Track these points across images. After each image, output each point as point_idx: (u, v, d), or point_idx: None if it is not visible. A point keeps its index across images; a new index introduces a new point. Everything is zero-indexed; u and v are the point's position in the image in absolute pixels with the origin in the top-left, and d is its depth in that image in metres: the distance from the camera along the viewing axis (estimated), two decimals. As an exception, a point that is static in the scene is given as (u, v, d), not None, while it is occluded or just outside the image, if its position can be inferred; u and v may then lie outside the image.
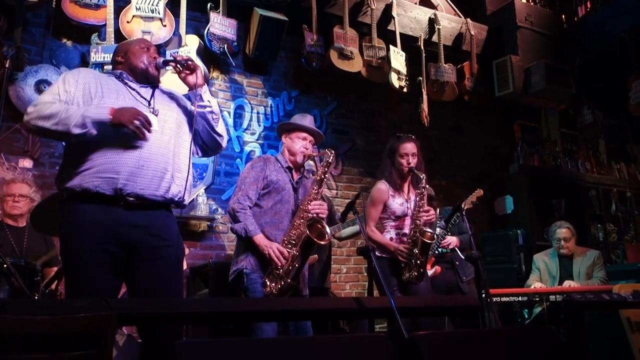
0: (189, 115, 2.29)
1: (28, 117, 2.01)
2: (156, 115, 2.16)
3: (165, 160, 2.12)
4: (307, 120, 3.12)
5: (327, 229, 2.73)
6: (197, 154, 2.39)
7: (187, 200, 2.25)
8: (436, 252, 3.73)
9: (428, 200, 3.86)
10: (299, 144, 3.00)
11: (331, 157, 2.92)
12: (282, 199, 2.88)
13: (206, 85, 2.34)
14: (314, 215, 2.77)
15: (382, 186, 3.28)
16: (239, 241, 2.91)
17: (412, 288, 3.14)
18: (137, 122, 1.96)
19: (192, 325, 3.73)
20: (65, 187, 2.03)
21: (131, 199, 2.02)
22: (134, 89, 2.20)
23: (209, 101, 2.30)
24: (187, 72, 2.25)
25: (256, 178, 2.88)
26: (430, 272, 3.72)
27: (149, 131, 2.00)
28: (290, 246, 2.73)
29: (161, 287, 2.05)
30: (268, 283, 2.72)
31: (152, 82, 2.27)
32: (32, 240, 3.38)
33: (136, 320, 1.75)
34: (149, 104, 2.19)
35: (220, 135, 2.36)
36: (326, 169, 2.88)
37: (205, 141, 2.36)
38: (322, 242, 2.73)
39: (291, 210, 2.90)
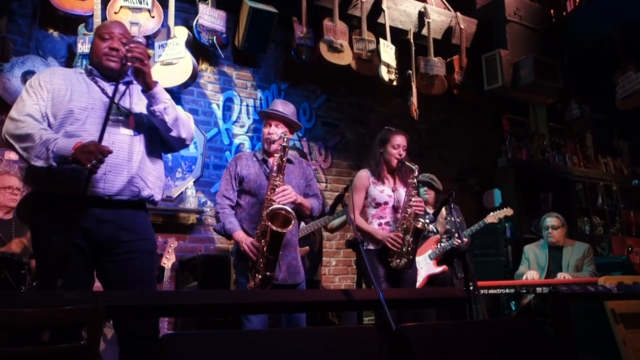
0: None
1: (5, 129, 2.02)
2: (127, 116, 2.12)
3: (137, 166, 2.10)
4: (276, 106, 3.05)
5: (292, 213, 2.67)
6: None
7: (158, 199, 2.22)
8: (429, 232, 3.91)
9: (435, 194, 3.98)
10: (265, 131, 3.01)
11: (285, 140, 2.84)
12: (257, 191, 2.89)
13: (157, 88, 2.14)
14: (280, 204, 2.72)
15: (363, 173, 3.32)
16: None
17: (400, 277, 3.15)
18: (90, 165, 1.87)
19: (181, 317, 3.74)
20: (33, 187, 2.07)
21: (98, 201, 2.02)
22: (103, 89, 2.13)
23: (157, 107, 2.13)
24: (136, 75, 2.10)
25: (229, 177, 2.96)
26: (439, 269, 3.98)
27: (102, 162, 1.91)
28: (262, 239, 2.72)
29: (134, 280, 2.06)
30: (250, 277, 2.73)
31: (115, 79, 2.08)
32: (20, 233, 3.35)
33: (124, 312, 1.74)
34: (119, 105, 2.12)
35: (176, 138, 2.22)
36: (282, 153, 2.82)
37: (164, 139, 2.25)
38: (286, 230, 2.65)
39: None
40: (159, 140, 2.25)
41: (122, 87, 2.17)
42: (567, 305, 2.28)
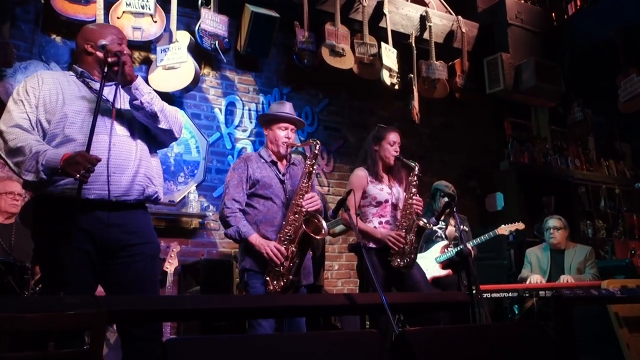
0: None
1: None
2: (122, 116, 2.13)
3: (138, 164, 2.11)
4: (286, 108, 3.04)
5: (324, 223, 2.69)
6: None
7: (161, 197, 2.22)
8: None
9: (450, 200, 4.00)
10: (280, 135, 2.96)
11: (317, 148, 2.88)
12: (272, 195, 2.85)
13: (138, 80, 2.11)
14: (308, 210, 2.73)
15: (360, 172, 3.27)
16: (239, 244, 2.90)
17: (409, 278, 3.12)
18: (78, 176, 1.85)
19: (183, 322, 3.73)
20: (34, 193, 2.05)
21: (104, 204, 2.02)
22: (95, 91, 2.11)
23: (144, 98, 2.10)
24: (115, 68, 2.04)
25: (240, 180, 2.85)
26: (443, 272, 4.00)
27: (92, 171, 1.88)
28: (287, 243, 2.71)
29: (137, 283, 2.06)
30: (270, 281, 2.69)
31: (111, 78, 2.09)
32: (21, 238, 3.36)
33: (126, 317, 1.74)
34: (113, 106, 2.11)
35: (165, 130, 2.20)
36: (314, 161, 2.85)
37: (154, 135, 2.24)
38: (319, 237, 2.68)
39: (282, 204, 2.86)
40: (152, 136, 2.24)
41: (113, 88, 2.14)
42: (571, 309, 2.27)
